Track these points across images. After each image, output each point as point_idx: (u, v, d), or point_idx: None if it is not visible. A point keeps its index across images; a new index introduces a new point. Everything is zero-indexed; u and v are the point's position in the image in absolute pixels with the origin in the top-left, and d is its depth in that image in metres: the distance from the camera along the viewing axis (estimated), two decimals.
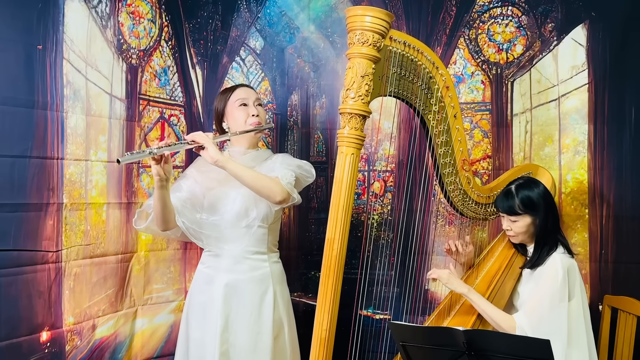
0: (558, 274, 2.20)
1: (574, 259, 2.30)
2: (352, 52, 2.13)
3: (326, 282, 2.13)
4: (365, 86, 2.12)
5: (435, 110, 2.32)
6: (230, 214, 2.43)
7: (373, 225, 3.04)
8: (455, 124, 2.35)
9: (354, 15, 2.13)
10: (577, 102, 2.85)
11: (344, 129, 2.14)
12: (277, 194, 2.34)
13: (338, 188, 2.13)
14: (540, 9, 2.91)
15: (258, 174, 2.36)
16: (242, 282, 2.44)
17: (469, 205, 2.47)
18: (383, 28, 2.11)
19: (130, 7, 2.79)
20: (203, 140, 2.28)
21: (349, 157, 2.13)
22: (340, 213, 2.13)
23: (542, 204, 2.29)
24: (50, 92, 2.42)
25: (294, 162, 2.50)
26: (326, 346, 2.14)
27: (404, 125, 3.03)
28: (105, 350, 2.68)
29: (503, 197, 2.33)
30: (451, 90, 2.33)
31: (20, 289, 2.33)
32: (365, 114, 2.14)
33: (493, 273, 2.43)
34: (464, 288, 2.31)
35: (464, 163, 2.40)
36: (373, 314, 2.93)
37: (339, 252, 2.13)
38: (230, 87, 2.62)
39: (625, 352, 2.53)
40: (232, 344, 2.41)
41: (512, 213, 2.30)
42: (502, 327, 2.23)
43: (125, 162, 2.17)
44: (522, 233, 2.33)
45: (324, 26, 3.13)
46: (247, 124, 2.48)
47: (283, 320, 2.49)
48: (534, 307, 2.22)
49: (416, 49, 2.22)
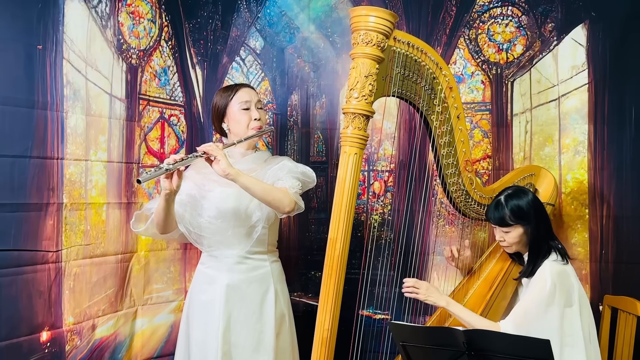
0: (546, 281, 2.18)
1: (568, 264, 2.27)
2: (356, 52, 2.13)
3: (328, 282, 2.13)
4: (369, 86, 2.12)
5: (438, 110, 2.31)
6: (232, 216, 2.43)
7: (374, 226, 3.04)
8: (458, 125, 2.35)
9: (358, 15, 2.13)
10: (577, 102, 2.85)
11: (347, 128, 2.14)
12: (287, 205, 2.34)
13: (341, 188, 2.13)
14: (540, 9, 2.91)
15: (267, 186, 2.34)
16: (244, 282, 2.44)
17: (471, 205, 2.47)
18: (387, 28, 2.11)
19: (130, 7, 2.79)
20: (216, 152, 2.22)
21: (352, 157, 2.13)
22: (343, 213, 2.13)
23: (532, 213, 2.26)
24: (50, 92, 2.42)
25: (299, 168, 2.48)
26: (328, 346, 2.14)
27: (404, 126, 3.03)
28: (105, 350, 2.68)
29: (493, 208, 2.30)
30: (454, 91, 2.32)
31: (20, 289, 2.33)
32: (369, 114, 2.14)
33: (494, 275, 2.43)
34: (442, 301, 2.28)
35: (466, 164, 2.40)
36: (374, 314, 2.93)
37: (341, 252, 2.12)
38: (231, 85, 2.59)
39: (625, 352, 2.53)
40: (234, 344, 2.41)
41: (503, 224, 2.28)
42: None
43: (145, 181, 2.13)
44: (515, 243, 2.31)
45: (324, 26, 3.13)
46: (249, 128, 2.47)
47: (285, 315, 2.51)
48: (520, 313, 2.19)
49: (420, 49, 2.22)
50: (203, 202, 2.45)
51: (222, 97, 2.51)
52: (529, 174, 2.58)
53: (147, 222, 2.43)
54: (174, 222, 2.40)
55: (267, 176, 2.44)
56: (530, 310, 2.18)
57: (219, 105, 2.51)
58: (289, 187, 2.37)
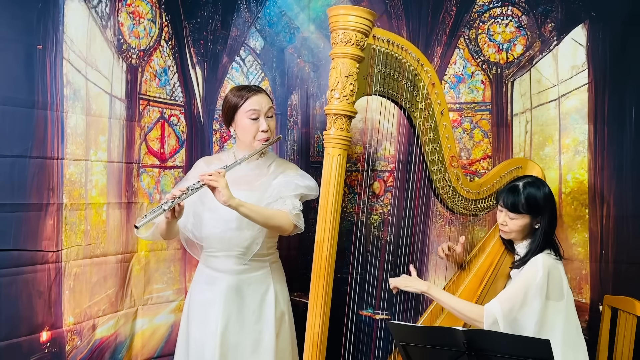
0: (538, 271, 2.18)
1: (560, 262, 2.27)
2: (336, 52, 2.13)
3: (317, 285, 2.12)
4: (350, 86, 2.11)
5: (421, 107, 2.30)
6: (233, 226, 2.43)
7: (373, 226, 3.04)
8: (442, 121, 2.34)
9: (336, 15, 2.12)
10: (577, 102, 2.85)
11: (329, 130, 2.14)
12: (286, 230, 2.39)
13: (326, 190, 2.13)
14: (540, 9, 2.91)
15: (268, 213, 2.35)
16: (244, 282, 2.45)
17: (458, 201, 2.46)
18: (366, 27, 2.10)
19: (130, 7, 2.79)
20: (216, 183, 2.21)
21: (336, 159, 2.13)
22: (329, 215, 2.12)
23: (546, 207, 2.27)
24: (50, 92, 2.42)
25: (304, 182, 2.47)
26: (319, 349, 2.13)
27: (404, 125, 3.03)
28: (105, 351, 2.68)
29: (508, 192, 2.28)
30: (437, 87, 2.31)
31: (20, 289, 2.33)
32: (351, 114, 2.13)
33: (484, 270, 2.43)
34: (423, 286, 2.31)
35: (452, 160, 2.39)
36: (373, 314, 2.93)
37: (328, 254, 2.12)
38: (245, 88, 2.52)
39: (625, 352, 2.53)
40: (234, 345, 2.41)
41: (514, 210, 2.27)
42: (470, 317, 2.21)
43: (142, 225, 2.14)
44: (516, 231, 2.31)
45: (324, 26, 3.13)
46: (255, 139, 2.45)
47: (285, 315, 2.51)
48: (508, 296, 2.19)
49: (400, 46, 2.21)
50: (205, 212, 2.46)
51: (234, 97, 2.47)
52: (516, 167, 2.56)
53: (150, 231, 2.45)
54: (177, 231, 2.46)
55: (270, 188, 2.43)
56: (517, 295, 2.17)
57: (228, 106, 2.48)
58: (290, 209, 2.37)
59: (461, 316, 2.24)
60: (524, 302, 2.16)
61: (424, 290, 2.29)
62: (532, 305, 2.16)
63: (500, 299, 2.19)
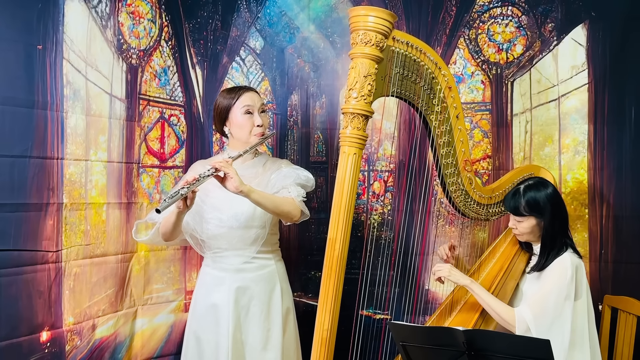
0: (567, 271, 2.20)
1: (581, 259, 2.29)
2: (355, 52, 2.13)
3: (328, 282, 2.13)
4: (368, 86, 2.12)
5: (437, 110, 2.31)
6: (237, 222, 2.43)
7: (374, 226, 3.04)
8: (457, 125, 2.35)
9: (357, 15, 2.13)
10: (577, 102, 2.85)
11: (346, 128, 2.14)
12: (294, 215, 2.40)
13: (340, 188, 2.13)
14: (540, 9, 2.91)
15: (277, 199, 2.37)
16: (252, 281, 2.46)
17: (470, 205, 2.47)
18: (386, 28, 2.11)
19: (130, 7, 2.79)
20: (227, 169, 2.22)
21: (351, 157, 2.12)
22: (342, 213, 2.13)
23: (548, 207, 2.27)
24: (50, 92, 2.42)
25: (302, 173, 2.49)
26: (327, 346, 2.14)
27: (404, 126, 3.03)
28: (105, 350, 2.68)
29: (510, 196, 2.33)
30: (454, 90, 2.32)
31: (20, 289, 2.32)
32: (368, 114, 2.13)
33: (495, 273, 2.43)
34: (466, 280, 2.31)
35: (465, 163, 2.40)
36: (374, 314, 2.93)
37: (340, 252, 2.12)
38: (235, 88, 2.55)
39: (625, 352, 2.53)
40: (245, 343, 2.43)
41: (517, 213, 2.30)
42: (503, 318, 2.23)
43: (164, 209, 2.12)
44: (527, 233, 2.33)
45: (324, 26, 3.13)
46: (251, 134, 2.46)
47: (290, 311, 2.54)
48: (538, 300, 2.21)
49: (419, 49, 2.21)
50: (208, 209, 2.46)
51: (225, 99, 2.49)
52: (528, 174, 2.58)
53: (152, 231, 2.45)
54: (180, 231, 2.44)
55: (271, 183, 2.45)
56: (549, 299, 2.19)
57: (221, 107, 2.49)
58: (296, 196, 2.40)
59: (495, 316, 2.26)
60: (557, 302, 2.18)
61: (467, 284, 2.30)
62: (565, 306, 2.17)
63: (532, 305, 2.21)
